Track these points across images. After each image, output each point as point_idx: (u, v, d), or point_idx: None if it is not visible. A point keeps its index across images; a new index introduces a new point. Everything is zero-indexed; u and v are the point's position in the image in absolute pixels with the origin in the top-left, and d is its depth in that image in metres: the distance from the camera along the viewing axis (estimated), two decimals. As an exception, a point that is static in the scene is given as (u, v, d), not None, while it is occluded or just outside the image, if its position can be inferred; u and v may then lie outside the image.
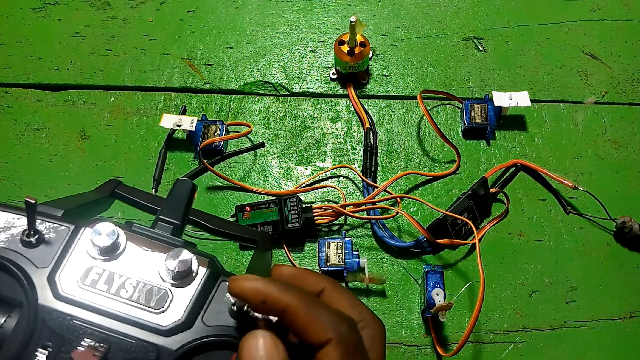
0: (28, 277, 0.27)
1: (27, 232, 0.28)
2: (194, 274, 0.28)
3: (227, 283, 0.28)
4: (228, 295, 0.28)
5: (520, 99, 0.59)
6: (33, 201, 0.27)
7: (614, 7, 0.69)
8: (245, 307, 0.27)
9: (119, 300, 0.27)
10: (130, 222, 0.30)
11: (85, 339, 0.26)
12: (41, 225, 0.28)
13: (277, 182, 0.60)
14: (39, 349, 0.25)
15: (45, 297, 0.26)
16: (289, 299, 0.25)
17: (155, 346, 0.26)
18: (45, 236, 0.28)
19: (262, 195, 0.58)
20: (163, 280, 0.28)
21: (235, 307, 0.28)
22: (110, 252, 0.28)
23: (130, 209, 0.38)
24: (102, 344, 0.26)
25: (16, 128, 0.62)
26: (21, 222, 0.28)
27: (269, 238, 0.41)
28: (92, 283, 0.27)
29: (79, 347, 0.25)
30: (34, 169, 0.60)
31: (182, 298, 0.28)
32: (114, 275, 0.28)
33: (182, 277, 0.28)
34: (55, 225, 0.28)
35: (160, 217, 0.31)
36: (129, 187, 0.38)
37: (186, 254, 0.28)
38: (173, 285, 0.28)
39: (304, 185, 0.60)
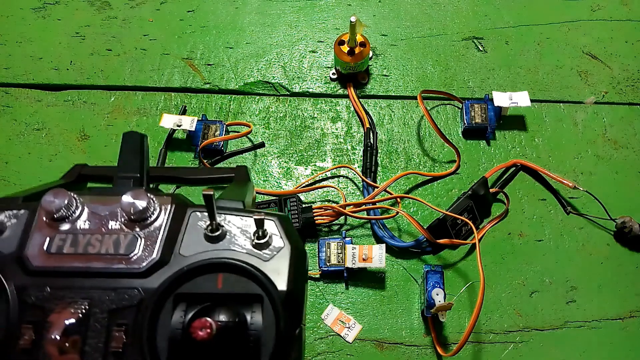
0: None
1: None
2: (157, 212, 0.28)
3: (197, 213, 0.28)
4: (201, 223, 0.28)
5: (520, 99, 0.59)
6: None
7: (614, 7, 0.69)
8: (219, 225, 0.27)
9: (89, 257, 0.27)
10: (91, 188, 0.30)
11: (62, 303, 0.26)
12: (1, 215, 0.29)
13: (277, 182, 0.60)
14: (23, 328, 0.26)
15: (17, 277, 0.27)
16: None
17: (135, 289, 0.27)
18: (7, 223, 0.29)
19: (262, 195, 0.58)
20: (127, 226, 0.28)
21: (209, 229, 0.28)
22: (68, 215, 0.28)
23: None
24: (82, 303, 0.26)
25: (16, 128, 0.62)
26: None
27: (246, 170, 0.40)
28: (58, 249, 0.28)
29: (54, 311, 0.26)
30: (34, 169, 0.60)
31: (152, 237, 0.28)
32: (77, 236, 0.28)
33: (145, 217, 0.28)
34: (15, 212, 0.29)
35: (119, 175, 0.32)
36: (94, 167, 0.38)
37: (140, 193, 0.28)
38: (139, 227, 0.28)
39: (304, 185, 0.60)
